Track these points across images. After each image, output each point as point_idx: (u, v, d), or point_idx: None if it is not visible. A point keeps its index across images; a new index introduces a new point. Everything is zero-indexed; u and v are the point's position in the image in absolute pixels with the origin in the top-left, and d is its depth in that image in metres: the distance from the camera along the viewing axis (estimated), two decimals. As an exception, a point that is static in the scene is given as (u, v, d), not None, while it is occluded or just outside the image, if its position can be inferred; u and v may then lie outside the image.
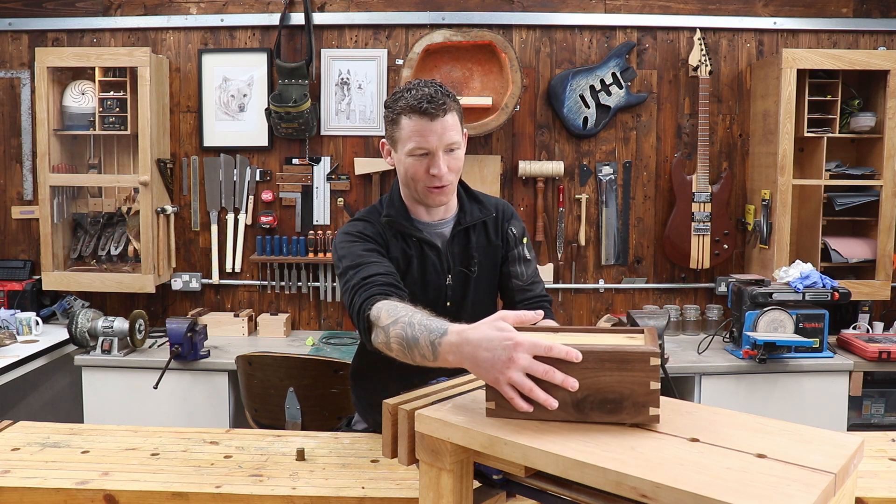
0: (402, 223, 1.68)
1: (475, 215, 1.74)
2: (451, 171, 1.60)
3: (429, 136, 1.55)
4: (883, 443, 1.62)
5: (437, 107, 1.54)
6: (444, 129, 1.56)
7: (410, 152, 1.58)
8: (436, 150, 1.57)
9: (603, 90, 3.41)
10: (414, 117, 1.55)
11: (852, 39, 3.46)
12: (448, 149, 1.58)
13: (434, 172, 1.58)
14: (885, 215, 3.21)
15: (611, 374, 1.04)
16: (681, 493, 0.84)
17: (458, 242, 1.72)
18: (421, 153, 1.58)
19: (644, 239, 3.54)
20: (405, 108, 1.56)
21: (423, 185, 1.61)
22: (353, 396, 1.94)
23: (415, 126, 1.55)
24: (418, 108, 1.54)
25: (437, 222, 1.72)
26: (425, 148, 1.57)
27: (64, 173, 3.33)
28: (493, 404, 1.08)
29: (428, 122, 1.55)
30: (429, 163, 1.58)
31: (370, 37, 3.46)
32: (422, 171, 1.59)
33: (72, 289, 3.39)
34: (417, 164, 1.59)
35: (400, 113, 1.58)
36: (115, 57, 3.26)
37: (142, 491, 1.38)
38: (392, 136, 1.63)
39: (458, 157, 1.62)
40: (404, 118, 1.57)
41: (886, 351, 2.94)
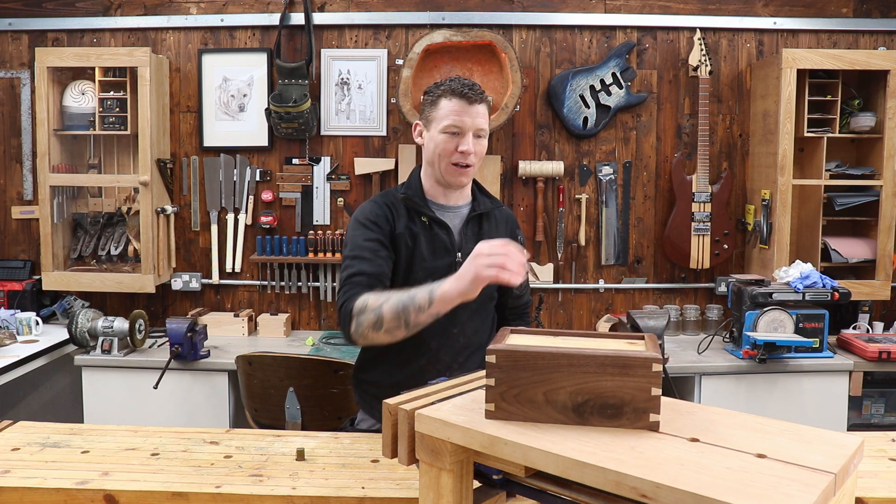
0: (417, 201, 1.83)
1: (487, 205, 1.90)
2: (475, 154, 1.77)
3: (464, 117, 1.74)
4: (883, 443, 1.62)
5: (476, 94, 1.74)
6: (477, 114, 1.75)
7: (445, 129, 1.75)
8: (468, 130, 1.75)
9: (603, 90, 3.41)
10: (454, 99, 1.74)
11: (852, 39, 3.46)
12: (477, 133, 1.76)
13: (463, 149, 1.74)
14: (885, 215, 3.21)
15: (612, 379, 1.04)
16: (681, 493, 0.84)
17: (472, 227, 1.87)
18: (454, 131, 1.74)
19: (644, 239, 3.54)
20: (447, 91, 1.75)
21: (448, 162, 1.77)
22: (357, 394, 1.96)
23: (453, 106, 1.74)
24: (459, 92, 1.74)
25: (451, 206, 1.87)
26: (459, 126, 1.74)
27: (64, 173, 3.33)
28: (493, 406, 1.08)
29: (466, 104, 1.74)
30: (458, 140, 1.75)
31: (370, 37, 3.46)
32: (451, 147, 1.75)
33: (72, 289, 3.40)
34: (449, 141, 1.75)
35: (441, 95, 1.76)
36: (115, 57, 3.26)
37: (142, 491, 1.38)
38: (428, 115, 1.80)
39: (482, 144, 1.80)
40: (444, 99, 1.76)
41: (886, 351, 2.94)
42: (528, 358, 1.06)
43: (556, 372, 1.05)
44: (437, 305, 1.52)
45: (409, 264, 1.79)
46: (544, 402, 1.06)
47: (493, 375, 1.07)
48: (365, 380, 1.92)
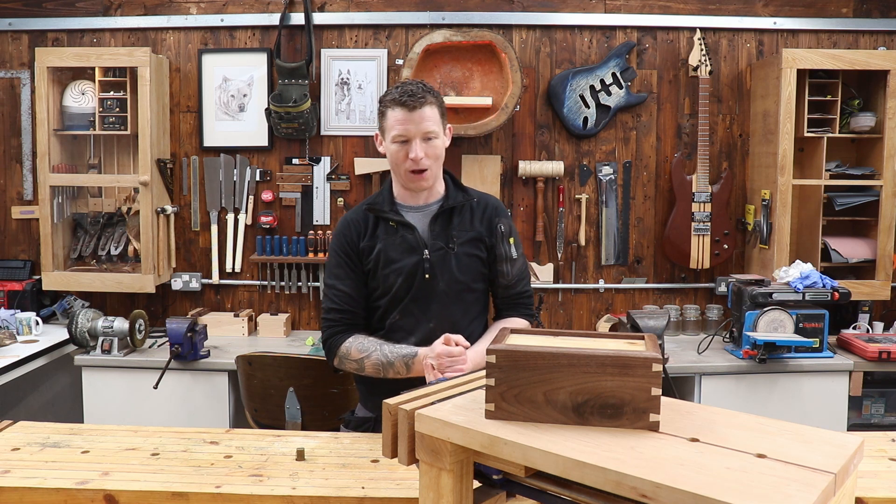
0: (382, 209, 1.91)
1: (458, 199, 1.94)
2: (428, 157, 1.82)
3: (407, 125, 1.80)
4: (883, 443, 1.62)
5: (416, 100, 1.79)
6: (421, 119, 1.80)
7: (393, 139, 1.83)
8: (413, 137, 1.80)
9: (603, 90, 3.41)
10: (397, 109, 1.81)
11: (852, 39, 3.46)
12: (425, 137, 1.82)
13: (412, 156, 1.81)
14: (885, 215, 3.21)
15: (612, 379, 1.04)
16: (681, 493, 0.84)
17: (441, 222, 1.92)
18: (401, 140, 1.82)
19: (644, 239, 3.54)
20: (390, 102, 1.82)
21: (404, 170, 1.84)
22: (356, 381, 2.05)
23: (397, 116, 1.81)
24: (400, 101, 1.80)
25: (421, 205, 1.93)
26: (405, 135, 1.81)
27: (64, 173, 3.33)
28: (493, 406, 1.08)
29: (408, 112, 1.79)
30: (407, 148, 1.82)
31: (370, 37, 3.46)
32: (402, 156, 1.83)
33: (72, 289, 3.40)
34: (399, 150, 1.83)
35: (387, 106, 1.84)
36: (115, 57, 3.26)
37: (142, 491, 1.38)
38: (381, 126, 1.88)
39: (435, 145, 1.84)
40: (389, 110, 1.83)
41: (886, 351, 2.94)
42: (527, 358, 1.06)
43: (556, 372, 1.05)
44: (412, 372, 1.79)
45: (377, 268, 1.89)
46: (544, 402, 1.06)
47: (493, 375, 1.07)
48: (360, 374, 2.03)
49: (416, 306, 1.89)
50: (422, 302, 1.88)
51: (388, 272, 1.88)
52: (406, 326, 1.90)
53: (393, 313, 1.91)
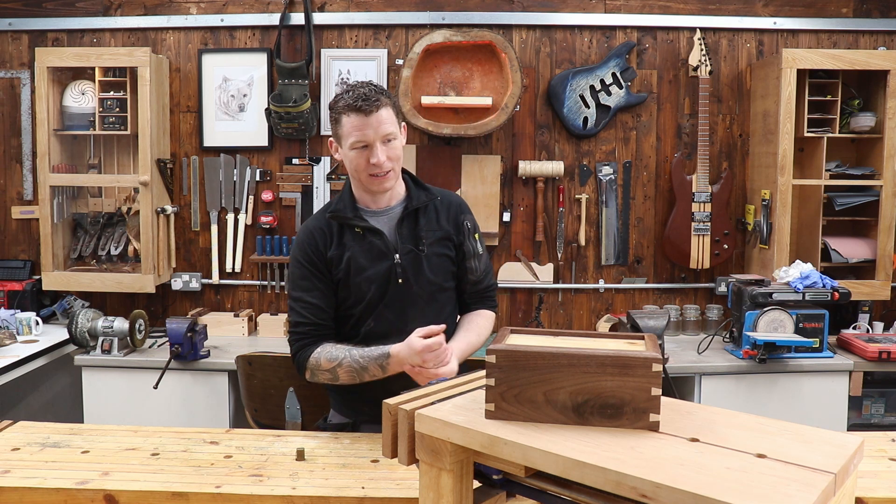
0: (346, 216, 1.86)
1: (421, 199, 1.90)
2: (389, 159, 1.79)
3: (366, 130, 1.75)
4: (883, 443, 1.62)
5: (371, 104, 1.74)
6: (379, 123, 1.75)
7: (352, 146, 1.77)
8: (373, 141, 1.76)
9: (603, 90, 3.41)
10: (352, 115, 1.75)
11: (852, 39, 3.46)
12: (385, 140, 1.77)
13: (373, 161, 1.76)
14: (885, 215, 3.21)
15: (612, 379, 1.04)
16: (681, 493, 0.84)
17: (408, 224, 1.88)
18: (361, 146, 1.77)
19: (644, 239, 3.54)
20: (344, 108, 1.76)
21: (366, 174, 1.80)
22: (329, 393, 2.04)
23: (353, 122, 1.75)
24: (355, 107, 1.74)
25: (384, 209, 1.89)
26: (364, 141, 1.76)
27: (64, 173, 3.33)
28: (493, 406, 1.08)
29: (364, 117, 1.74)
30: (368, 154, 1.77)
31: (370, 37, 3.46)
32: (363, 161, 1.78)
33: (72, 289, 3.39)
34: (359, 156, 1.78)
35: (340, 112, 1.78)
36: (115, 57, 3.26)
37: (142, 491, 1.38)
38: (337, 133, 1.82)
39: (395, 146, 1.81)
40: (344, 117, 1.77)
41: (886, 351, 2.94)
42: (527, 358, 1.06)
43: (556, 372, 1.05)
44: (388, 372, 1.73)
45: (347, 277, 1.85)
46: (544, 402, 1.06)
47: (493, 375, 1.07)
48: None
49: (391, 312, 1.85)
50: (396, 307, 1.85)
51: (360, 280, 1.83)
52: (382, 333, 1.85)
53: (367, 321, 1.86)
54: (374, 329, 1.86)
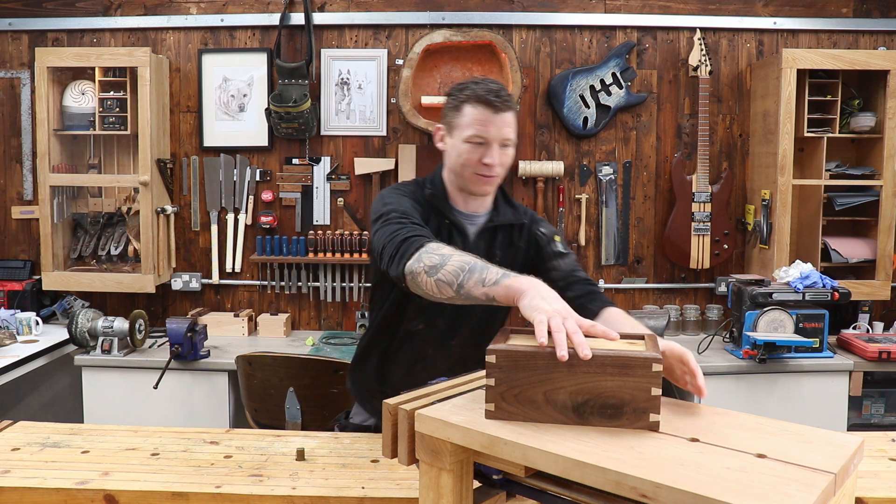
0: (442, 202, 1.74)
1: (507, 216, 1.79)
2: (501, 164, 1.66)
3: (489, 127, 1.62)
4: (883, 443, 1.62)
5: (502, 101, 1.61)
6: (503, 124, 1.63)
7: (468, 139, 1.63)
8: (493, 140, 1.63)
9: (603, 90, 3.41)
10: (479, 107, 1.61)
11: (852, 39, 3.46)
12: (503, 143, 1.65)
13: (487, 161, 1.63)
14: (885, 215, 3.21)
15: (612, 379, 1.04)
16: (681, 493, 0.84)
17: (485, 238, 1.77)
18: (478, 141, 1.63)
19: (644, 239, 3.54)
20: (471, 97, 1.62)
21: (472, 172, 1.66)
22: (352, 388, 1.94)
23: (478, 115, 1.62)
24: (484, 99, 1.61)
25: (470, 213, 1.76)
26: (484, 137, 1.62)
27: (64, 173, 3.33)
28: (493, 406, 1.07)
29: (491, 113, 1.61)
30: (483, 151, 1.63)
31: (370, 37, 3.46)
32: (475, 158, 1.64)
33: (72, 289, 3.40)
34: (472, 151, 1.64)
35: (465, 101, 1.63)
36: (115, 57, 3.26)
37: (142, 491, 1.38)
38: (451, 121, 1.68)
39: (509, 153, 1.68)
40: (468, 106, 1.63)
41: (886, 351, 2.94)
42: (527, 358, 1.06)
43: (556, 372, 1.05)
44: (497, 289, 1.28)
45: None
46: (544, 402, 1.06)
47: (493, 375, 1.07)
48: (360, 375, 1.91)
49: (444, 321, 1.76)
50: (451, 317, 1.75)
51: None
52: (427, 338, 1.76)
53: (416, 320, 1.75)
54: (422, 332, 1.77)
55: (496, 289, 1.27)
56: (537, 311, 1.12)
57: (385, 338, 1.82)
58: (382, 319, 1.81)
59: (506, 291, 1.25)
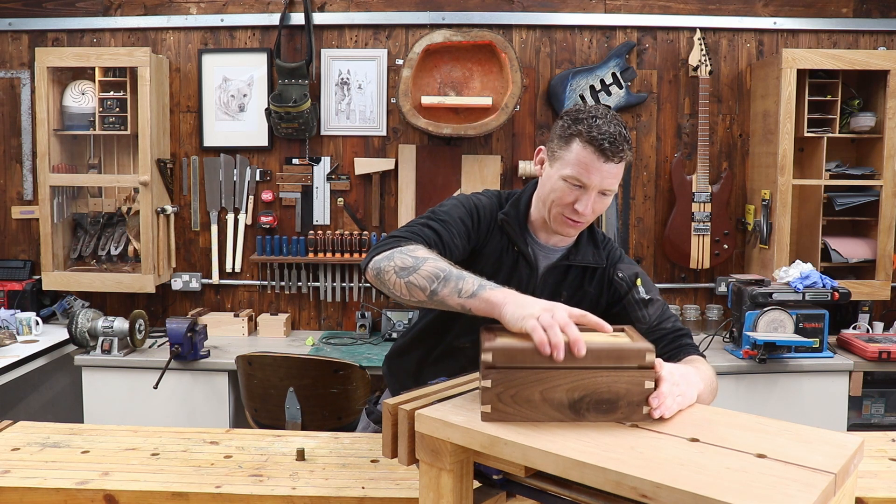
0: (515, 229, 1.62)
1: (586, 258, 1.66)
2: (594, 212, 1.55)
3: (592, 174, 1.49)
4: (883, 443, 1.62)
5: (616, 152, 1.48)
6: (609, 174, 1.50)
7: (567, 178, 1.51)
8: (593, 189, 1.51)
9: (603, 90, 3.41)
10: (589, 148, 1.48)
11: (852, 39, 3.46)
12: (602, 192, 1.53)
13: (579, 208, 1.52)
14: (885, 215, 3.21)
15: (607, 374, 1.04)
16: (681, 493, 0.84)
17: (556, 275, 1.65)
18: (576, 184, 1.51)
19: (644, 239, 3.54)
20: (584, 134, 1.49)
21: (559, 213, 1.55)
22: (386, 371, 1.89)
23: (584, 157, 1.49)
24: (598, 144, 1.47)
25: (548, 246, 1.66)
26: (584, 183, 1.50)
27: (64, 173, 3.33)
28: (489, 408, 1.07)
29: (600, 161, 1.48)
30: (578, 195, 1.52)
31: (370, 37, 3.46)
32: (568, 200, 1.53)
33: (72, 289, 3.40)
34: (567, 191, 1.52)
35: (576, 135, 1.50)
36: (115, 57, 3.26)
37: (142, 491, 1.38)
38: (555, 151, 1.56)
39: (606, 201, 1.55)
40: (578, 142, 1.50)
41: (886, 351, 2.94)
42: (525, 356, 1.06)
43: (553, 370, 1.05)
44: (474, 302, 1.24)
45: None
46: (541, 401, 1.06)
47: (490, 376, 1.07)
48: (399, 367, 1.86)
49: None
50: None
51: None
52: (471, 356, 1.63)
53: (462, 338, 1.66)
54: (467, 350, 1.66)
55: (473, 301, 1.23)
56: (525, 319, 1.10)
57: (428, 342, 1.76)
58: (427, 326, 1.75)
59: (483, 304, 1.21)
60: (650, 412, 1.05)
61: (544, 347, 1.04)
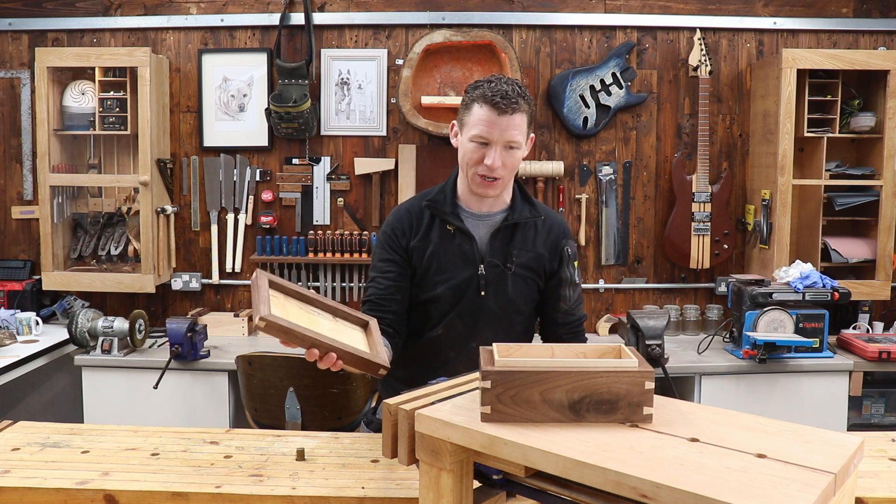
0: (443, 209, 1.77)
1: (524, 214, 1.79)
2: (504, 167, 1.68)
3: (492, 129, 1.64)
4: (883, 443, 1.62)
5: (508, 104, 1.63)
6: (508, 126, 1.64)
7: (472, 138, 1.67)
8: (495, 142, 1.65)
9: (603, 90, 3.41)
10: (485, 107, 1.64)
11: (852, 39, 3.46)
12: (507, 145, 1.67)
13: (488, 162, 1.66)
14: (885, 215, 3.21)
15: (607, 376, 1.05)
16: (681, 493, 0.84)
17: (502, 237, 1.78)
18: (481, 141, 1.66)
19: (644, 239, 3.54)
20: (479, 97, 1.65)
21: (475, 173, 1.69)
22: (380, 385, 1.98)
23: (483, 115, 1.64)
24: (491, 100, 1.63)
25: (484, 214, 1.79)
26: (486, 138, 1.65)
27: (64, 173, 3.33)
28: (489, 409, 1.07)
29: (496, 115, 1.63)
30: (485, 152, 1.66)
31: (370, 37, 3.46)
32: (477, 157, 1.67)
33: (72, 289, 3.39)
34: (475, 151, 1.68)
35: (474, 100, 1.66)
36: (115, 57, 3.26)
37: (142, 491, 1.38)
38: (462, 119, 1.72)
39: (515, 156, 1.69)
40: (476, 105, 1.66)
41: (886, 351, 2.94)
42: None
43: (553, 371, 1.06)
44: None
45: (427, 273, 1.77)
46: (541, 402, 1.06)
47: (490, 378, 1.07)
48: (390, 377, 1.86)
49: (462, 323, 1.77)
50: (468, 319, 1.77)
51: (438, 280, 1.75)
52: (448, 342, 1.79)
53: (436, 327, 1.79)
54: (441, 336, 1.80)
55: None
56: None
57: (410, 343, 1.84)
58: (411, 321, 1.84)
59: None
60: None
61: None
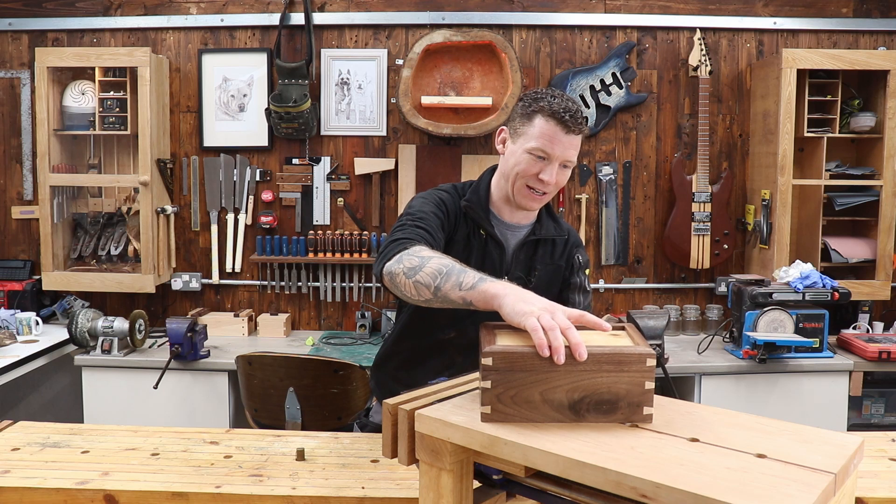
0: (479, 213, 1.73)
1: (549, 231, 1.80)
2: (556, 184, 1.66)
3: (555, 145, 1.61)
4: (883, 443, 1.62)
5: (576, 122, 1.61)
6: (570, 145, 1.62)
7: (531, 150, 1.62)
8: (555, 159, 1.62)
9: (603, 90, 3.41)
10: (551, 122, 1.60)
11: (852, 39, 3.46)
12: (564, 163, 1.64)
13: (544, 178, 1.63)
14: (885, 215, 3.21)
15: (607, 375, 1.04)
16: (681, 493, 0.84)
17: (526, 251, 1.78)
18: (540, 155, 1.62)
19: (644, 239, 3.54)
20: (545, 110, 1.61)
21: (524, 185, 1.66)
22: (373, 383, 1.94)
23: (547, 130, 1.60)
24: (558, 116, 1.59)
25: (513, 224, 1.77)
26: (546, 153, 1.61)
27: (64, 173, 3.33)
28: (489, 409, 1.07)
29: (562, 132, 1.60)
30: (542, 167, 1.63)
31: (370, 37, 3.46)
32: (533, 171, 1.63)
33: (72, 289, 3.39)
34: (532, 163, 1.63)
35: (537, 112, 1.62)
36: (115, 57, 3.26)
37: (142, 491, 1.38)
38: (518, 128, 1.66)
39: (566, 174, 1.68)
40: (540, 118, 1.62)
41: (886, 351, 2.94)
42: (525, 358, 1.06)
43: (553, 371, 1.05)
44: (473, 295, 1.27)
45: None
46: (541, 402, 1.06)
47: (490, 378, 1.07)
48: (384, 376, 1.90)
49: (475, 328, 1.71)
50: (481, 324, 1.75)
51: None
52: (458, 346, 1.76)
53: (449, 330, 1.76)
54: (453, 340, 1.77)
55: (473, 293, 1.26)
56: (526, 317, 1.10)
57: (411, 341, 1.82)
58: (409, 323, 1.82)
59: (483, 297, 1.24)
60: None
61: (543, 349, 1.04)
